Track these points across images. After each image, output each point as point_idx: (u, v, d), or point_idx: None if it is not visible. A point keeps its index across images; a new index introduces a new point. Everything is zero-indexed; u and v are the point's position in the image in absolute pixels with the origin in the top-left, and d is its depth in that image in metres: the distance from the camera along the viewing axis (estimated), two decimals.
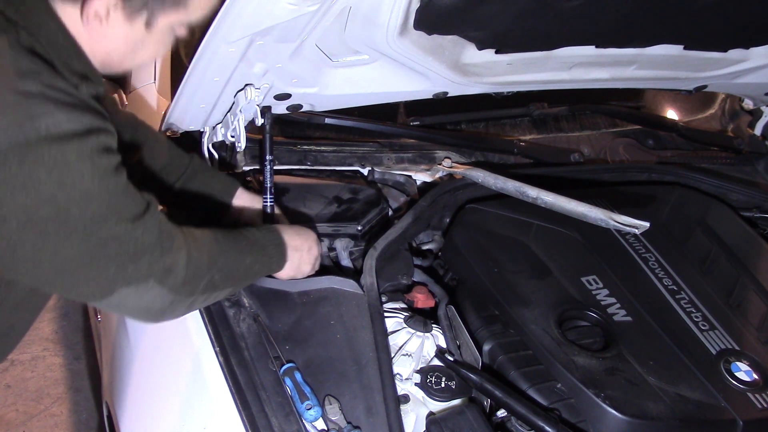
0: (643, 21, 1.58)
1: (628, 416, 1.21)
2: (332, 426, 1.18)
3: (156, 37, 1.06)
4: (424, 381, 1.32)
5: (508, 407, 1.24)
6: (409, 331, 1.41)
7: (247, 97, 1.51)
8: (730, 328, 1.43)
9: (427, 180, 1.95)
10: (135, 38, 1.04)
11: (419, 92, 1.74)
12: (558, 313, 1.40)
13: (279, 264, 1.33)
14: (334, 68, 1.55)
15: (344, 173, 1.91)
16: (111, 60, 1.07)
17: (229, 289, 1.22)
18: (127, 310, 1.08)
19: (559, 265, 1.52)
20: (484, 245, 1.57)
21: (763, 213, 1.99)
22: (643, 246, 1.61)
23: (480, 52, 1.61)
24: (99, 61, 1.06)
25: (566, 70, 1.81)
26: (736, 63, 1.89)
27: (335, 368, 1.26)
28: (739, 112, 2.49)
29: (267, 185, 1.58)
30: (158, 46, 1.09)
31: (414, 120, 2.17)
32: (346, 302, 1.38)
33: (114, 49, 1.05)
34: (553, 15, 1.45)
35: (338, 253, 1.65)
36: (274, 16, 1.21)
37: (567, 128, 2.35)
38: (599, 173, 2.01)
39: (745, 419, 1.24)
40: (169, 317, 1.12)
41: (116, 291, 1.00)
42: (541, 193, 1.63)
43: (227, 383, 1.21)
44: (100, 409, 2.45)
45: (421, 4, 1.35)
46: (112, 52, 1.05)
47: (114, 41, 1.03)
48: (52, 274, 0.96)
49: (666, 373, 1.30)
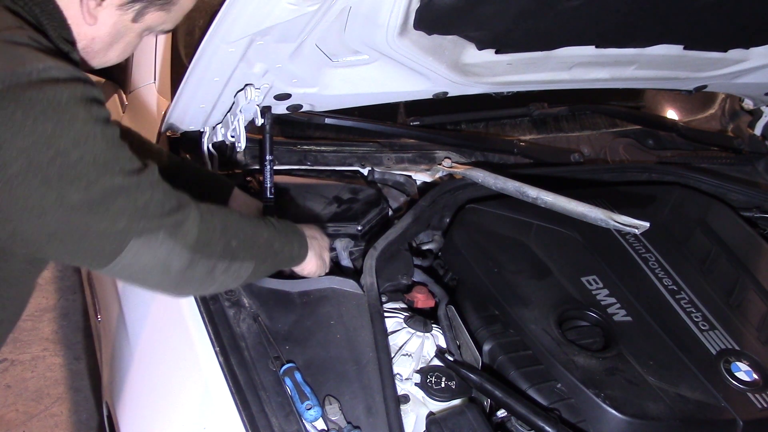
0: (643, 21, 1.58)
1: (628, 416, 1.21)
2: (332, 426, 1.18)
3: (135, 33, 1.10)
4: (424, 381, 1.32)
5: (508, 407, 1.24)
6: (409, 331, 1.41)
7: (247, 97, 1.50)
8: (730, 328, 1.43)
9: (427, 180, 1.95)
10: (119, 29, 1.07)
11: (419, 92, 1.74)
12: (558, 313, 1.40)
13: (300, 250, 1.30)
14: (334, 68, 1.55)
15: (344, 173, 1.91)
16: (91, 48, 1.09)
17: (252, 263, 1.15)
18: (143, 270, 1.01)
19: (559, 265, 1.52)
20: (484, 245, 1.57)
21: (763, 213, 1.99)
22: (643, 246, 1.61)
23: (480, 52, 1.61)
24: (81, 46, 1.08)
25: (566, 70, 1.81)
26: (736, 63, 1.89)
27: (335, 368, 1.26)
28: (739, 112, 2.49)
29: (267, 185, 1.58)
30: (132, 44, 1.13)
31: (414, 120, 2.17)
32: (346, 302, 1.38)
33: (98, 37, 1.07)
34: (553, 15, 1.45)
35: (338, 253, 1.65)
36: (274, 16, 1.21)
37: (567, 128, 2.35)
38: (599, 173, 2.01)
39: (745, 419, 1.24)
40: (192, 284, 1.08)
41: (127, 246, 0.96)
42: (541, 193, 1.63)
43: (227, 383, 1.21)
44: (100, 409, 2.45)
45: (421, 4, 1.35)
46: (97, 39, 1.07)
47: (102, 27, 1.06)
48: (59, 226, 0.92)
49: (666, 373, 1.30)
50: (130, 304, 1.59)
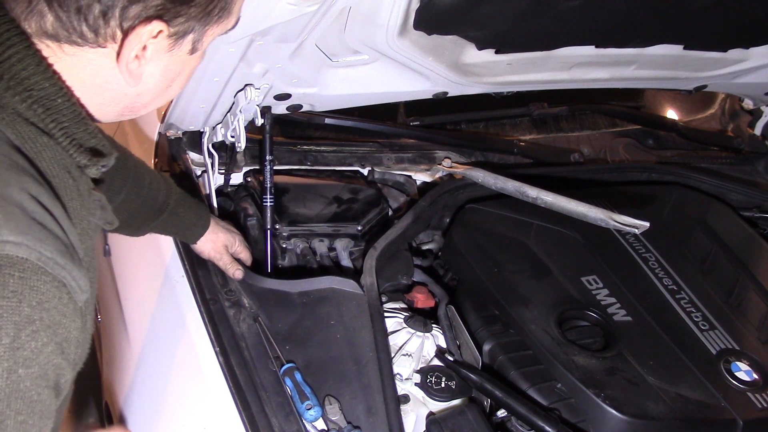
0: (643, 21, 1.58)
1: (628, 416, 1.21)
2: (332, 426, 1.18)
3: (196, 59, 0.89)
4: (424, 381, 1.32)
5: (508, 407, 1.24)
6: (409, 331, 1.41)
7: (247, 97, 1.50)
8: (730, 328, 1.43)
9: (427, 180, 1.95)
10: (173, 68, 0.87)
11: (419, 92, 1.74)
12: (558, 313, 1.39)
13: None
14: (334, 68, 1.55)
15: (344, 173, 1.91)
16: (137, 103, 0.89)
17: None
18: None
19: (559, 265, 1.52)
20: (484, 245, 1.57)
21: (763, 213, 1.98)
22: (643, 246, 1.61)
23: (480, 52, 1.61)
24: (122, 107, 0.88)
25: (566, 70, 1.81)
26: (736, 63, 1.89)
27: (335, 368, 1.26)
28: (739, 112, 2.49)
29: (267, 185, 1.58)
30: (192, 71, 0.92)
31: (414, 120, 2.17)
32: (346, 302, 1.37)
33: (146, 90, 0.87)
34: (553, 15, 1.45)
35: (338, 253, 1.65)
36: (274, 16, 1.21)
37: (567, 128, 2.35)
38: (599, 173, 2.01)
39: (745, 419, 1.24)
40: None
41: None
42: (541, 193, 1.63)
43: (227, 383, 1.21)
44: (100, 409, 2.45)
45: (421, 4, 1.35)
46: (144, 93, 0.87)
47: (149, 79, 0.85)
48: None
49: (666, 373, 1.30)
50: (130, 304, 1.59)
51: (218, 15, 0.84)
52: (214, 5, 0.83)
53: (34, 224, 0.71)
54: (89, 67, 0.82)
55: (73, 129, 0.82)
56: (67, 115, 0.81)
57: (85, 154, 0.84)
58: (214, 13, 0.84)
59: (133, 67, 0.82)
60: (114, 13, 0.77)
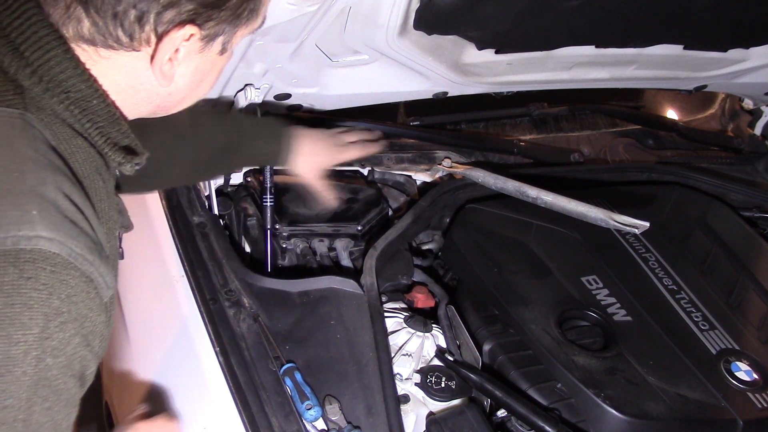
0: (643, 21, 1.58)
1: (628, 416, 1.21)
2: (332, 426, 1.18)
3: (226, 59, 0.92)
4: (424, 381, 1.32)
5: (508, 407, 1.24)
6: (409, 331, 1.41)
7: (247, 97, 1.51)
8: (730, 328, 1.43)
9: (427, 180, 1.95)
10: (203, 68, 0.90)
11: (419, 92, 1.74)
12: (558, 313, 1.39)
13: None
14: (334, 68, 1.55)
15: (344, 173, 1.91)
16: (168, 102, 0.93)
17: None
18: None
19: (559, 265, 1.52)
20: (484, 245, 1.57)
21: (763, 213, 1.98)
22: (643, 246, 1.61)
23: (480, 52, 1.61)
24: (155, 105, 0.92)
25: (566, 70, 1.81)
26: (736, 63, 1.89)
27: (335, 368, 1.26)
28: (739, 112, 2.49)
29: (267, 185, 1.58)
30: (220, 71, 0.95)
31: (414, 120, 2.17)
32: (346, 302, 1.37)
33: (177, 90, 0.90)
34: (553, 15, 1.45)
35: (338, 253, 1.65)
36: (273, 16, 1.21)
37: (567, 128, 2.35)
38: (599, 173, 2.01)
39: (745, 419, 1.24)
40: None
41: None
42: (541, 193, 1.63)
43: (227, 383, 1.21)
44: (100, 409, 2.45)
45: (421, 4, 1.35)
46: (175, 92, 0.91)
47: (180, 80, 0.89)
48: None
49: (666, 373, 1.30)
50: (130, 304, 1.59)
51: (247, 17, 0.88)
52: (244, 8, 0.86)
53: (66, 221, 0.74)
54: (123, 70, 0.85)
55: (107, 129, 0.85)
56: (102, 115, 0.84)
57: (120, 152, 0.87)
58: (244, 15, 0.87)
59: (166, 69, 0.85)
60: (149, 18, 0.80)
